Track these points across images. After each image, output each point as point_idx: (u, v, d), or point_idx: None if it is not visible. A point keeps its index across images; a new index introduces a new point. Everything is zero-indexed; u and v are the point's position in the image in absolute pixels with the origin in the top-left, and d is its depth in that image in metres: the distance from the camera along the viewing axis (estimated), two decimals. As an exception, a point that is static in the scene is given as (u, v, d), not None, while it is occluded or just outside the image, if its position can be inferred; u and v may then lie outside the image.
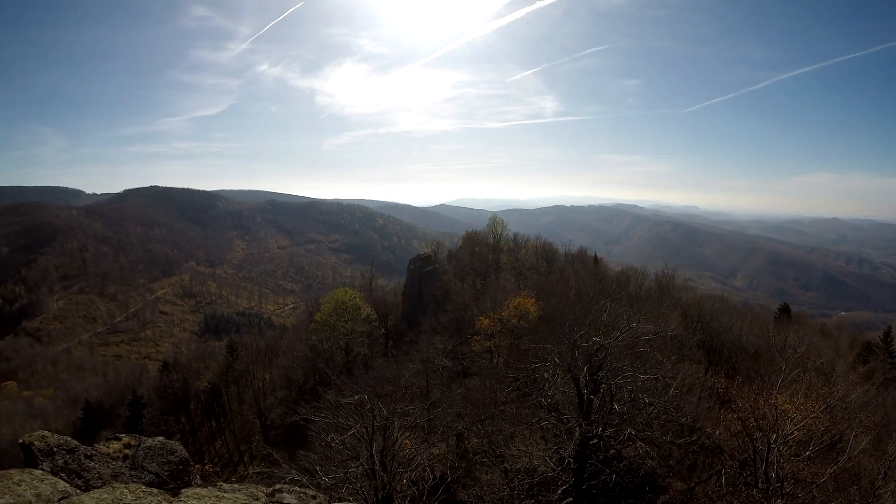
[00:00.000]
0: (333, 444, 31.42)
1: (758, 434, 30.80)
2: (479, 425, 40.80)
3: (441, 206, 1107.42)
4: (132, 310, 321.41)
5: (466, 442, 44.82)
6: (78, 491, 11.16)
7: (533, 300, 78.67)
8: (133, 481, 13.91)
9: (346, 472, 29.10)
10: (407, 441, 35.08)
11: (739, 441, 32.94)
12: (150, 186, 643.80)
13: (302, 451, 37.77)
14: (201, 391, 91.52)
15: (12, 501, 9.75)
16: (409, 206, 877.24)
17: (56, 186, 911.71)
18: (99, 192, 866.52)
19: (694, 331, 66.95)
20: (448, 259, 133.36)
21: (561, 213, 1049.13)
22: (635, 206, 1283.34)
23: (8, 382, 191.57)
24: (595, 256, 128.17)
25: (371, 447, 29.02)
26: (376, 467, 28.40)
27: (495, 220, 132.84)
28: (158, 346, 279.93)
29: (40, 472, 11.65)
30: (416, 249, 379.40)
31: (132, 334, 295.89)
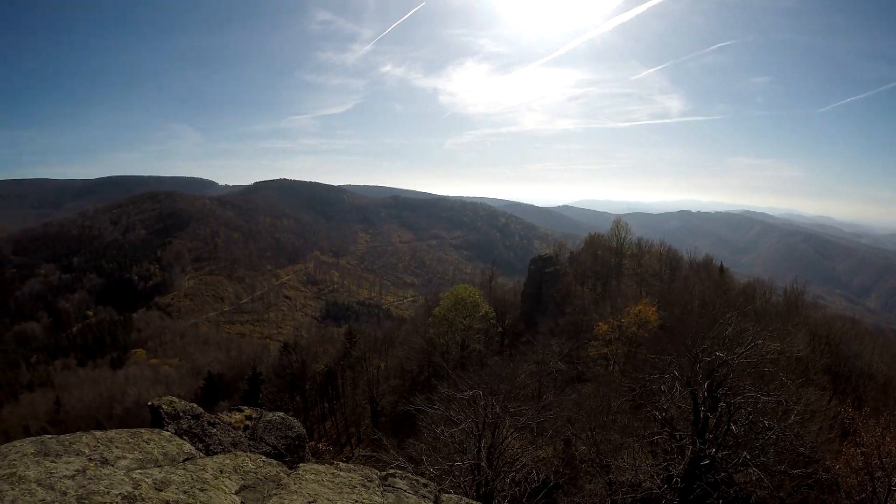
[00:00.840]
0: (442, 437, 31.18)
1: (879, 473, 28.36)
2: (588, 432, 39.08)
3: (564, 206, 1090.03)
4: (258, 293, 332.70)
5: (573, 448, 43.41)
6: (201, 454, 11.51)
7: (654, 308, 75.97)
8: (251, 451, 13.94)
9: (452, 465, 28.64)
10: (514, 441, 34.20)
11: (858, 479, 30.29)
12: (280, 179, 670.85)
13: (411, 440, 37.46)
14: (317, 373, 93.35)
15: (141, 457, 10.22)
16: (531, 206, 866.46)
17: (192, 177, 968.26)
18: (231, 184, 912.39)
19: (821, 353, 62.96)
20: (569, 261, 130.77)
21: (686, 219, 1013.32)
22: (765, 214, 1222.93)
23: (137, 350, 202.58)
24: (721, 266, 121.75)
25: (480, 443, 28.64)
26: (482, 463, 27.88)
27: (619, 224, 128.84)
28: (280, 328, 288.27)
29: (168, 433, 11.98)
30: (538, 250, 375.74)
31: (256, 315, 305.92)
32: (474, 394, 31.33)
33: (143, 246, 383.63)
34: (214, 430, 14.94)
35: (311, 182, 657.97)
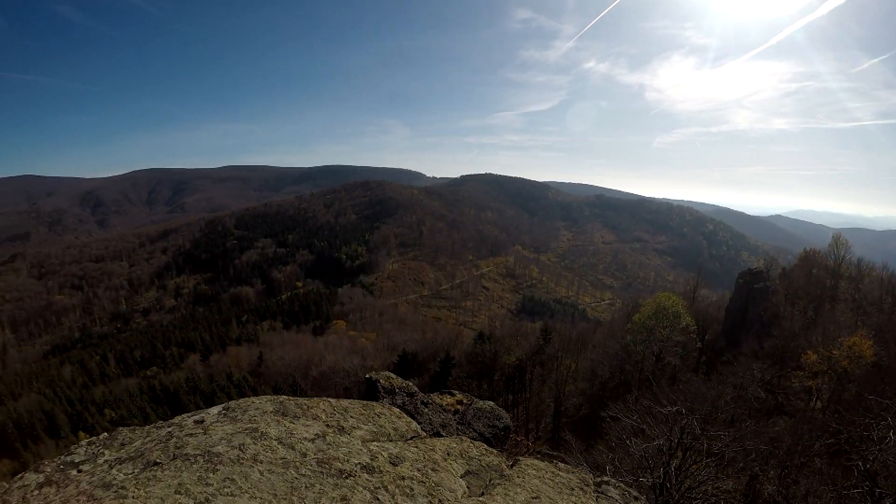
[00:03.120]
0: (632, 449, 28.85)
1: None
2: (778, 471, 35.84)
3: (776, 215, 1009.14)
4: (457, 281, 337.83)
5: (759, 485, 39.28)
6: (426, 434, 12.24)
7: (870, 342, 67.58)
8: (458, 434, 15.18)
9: (636, 480, 25.91)
10: (699, 466, 31.42)
11: None
12: (485, 174, 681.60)
13: (600, 447, 35.74)
14: (507, 365, 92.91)
15: (375, 430, 11.12)
16: (741, 213, 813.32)
17: (401, 169, 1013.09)
18: (438, 176, 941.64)
19: None
20: (780, 278, 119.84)
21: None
22: None
23: (338, 322, 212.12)
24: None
25: (670, 463, 25.94)
26: (670, 485, 25.23)
27: (838, 240, 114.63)
28: (475, 316, 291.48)
29: (398, 409, 13.06)
30: (745, 262, 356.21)
31: (453, 302, 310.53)
32: (676, 410, 29.07)
33: (352, 229, 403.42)
34: (427, 409, 16.04)
35: (516, 177, 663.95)
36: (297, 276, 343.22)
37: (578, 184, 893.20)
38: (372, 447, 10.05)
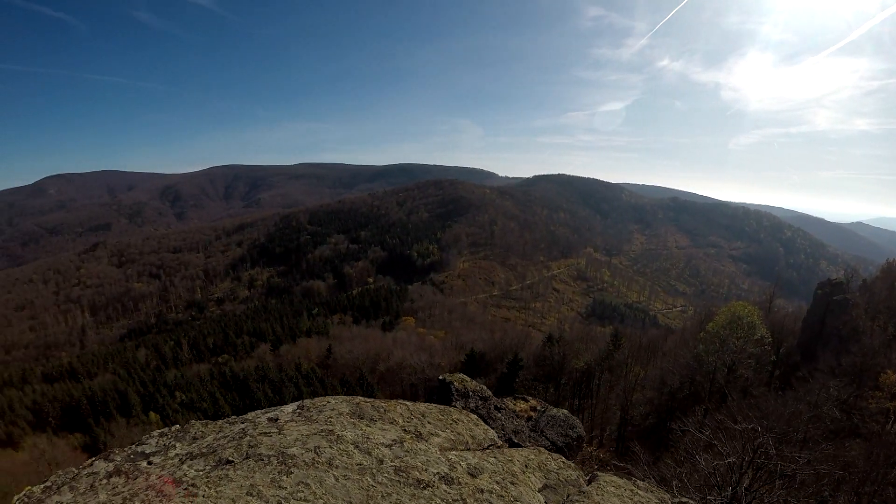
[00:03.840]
0: (701, 464, 27.71)
1: None
2: (849, 498, 34.46)
3: (857, 223, 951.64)
4: (528, 282, 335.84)
5: None
6: (502, 443, 11.97)
7: (954, 364, 64.53)
8: (529, 443, 14.61)
9: (703, 498, 25.33)
10: (767, 488, 30.46)
11: None
12: (558, 174, 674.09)
13: (667, 460, 35.17)
14: (575, 369, 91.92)
15: (453, 437, 10.95)
16: (820, 220, 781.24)
17: (474, 168, 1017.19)
18: (511, 176, 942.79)
19: None
20: (861, 290, 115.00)
21: None
22: None
23: (407, 318, 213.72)
24: None
25: (740, 483, 25.04)
26: None
27: None
28: (545, 318, 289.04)
29: (474, 416, 12.82)
30: (824, 272, 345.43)
31: (523, 303, 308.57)
32: (752, 428, 27.80)
33: (424, 227, 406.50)
34: (500, 414, 15.96)
35: (589, 178, 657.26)
36: (369, 271, 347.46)
37: (652, 185, 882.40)
38: (450, 456, 9.86)
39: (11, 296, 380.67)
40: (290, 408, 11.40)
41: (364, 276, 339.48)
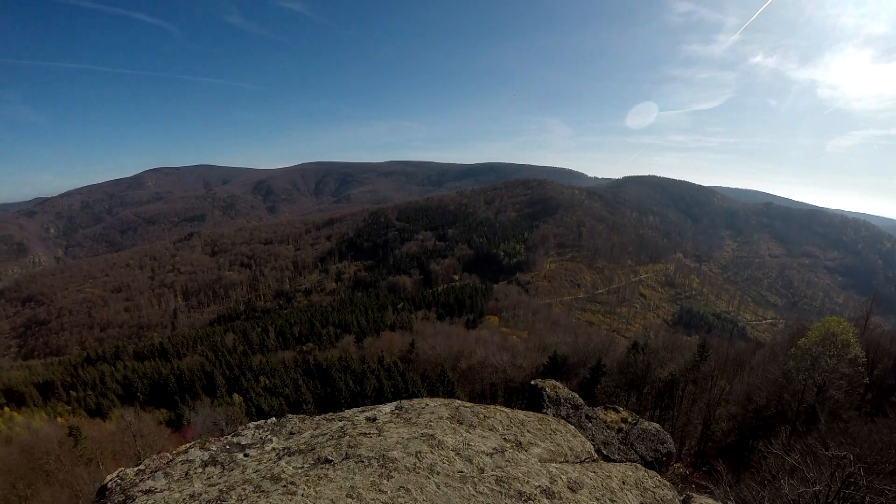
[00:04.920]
0: (785, 490, 26.64)
1: None
2: None
3: None
4: (614, 286, 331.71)
5: None
6: (599, 458, 11.92)
7: None
8: (618, 456, 14.68)
9: (788, 525, 24.98)
10: None
11: None
12: (648, 176, 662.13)
13: (749, 481, 34.65)
14: (659, 379, 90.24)
15: (552, 448, 10.72)
16: None
17: (561, 168, 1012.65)
18: (600, 177, 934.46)
19: None
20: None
21: None
22: None
23: (491, 317, 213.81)
24: None
25: (823, 514, 24.43)
26: None
27: None
28: (630, 324, 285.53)
29: (573, 427, 12.70)
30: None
31: (608, 307, 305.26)
32: (843, 455, 26.57)
33: (511, 226, 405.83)
34: (590, 424, 15.70)
35: (680, 180, 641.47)
36: (455, 269, 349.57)
37: (746, 189, 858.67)
38: (551, 469, 9.62)
39: (109, 278, 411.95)
40: (387, 408, 11.62)
41: (450, 274, 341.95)
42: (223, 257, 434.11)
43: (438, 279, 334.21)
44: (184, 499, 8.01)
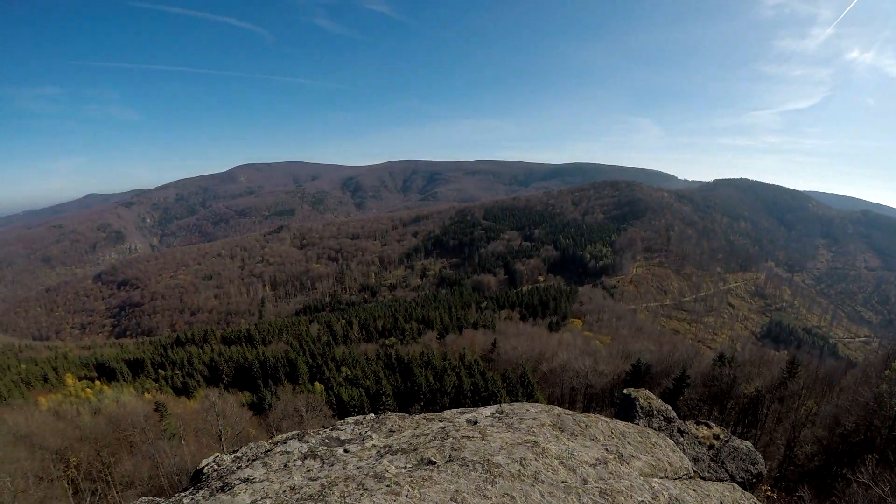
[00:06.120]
0: None
1: None
2: None
3: None
4: (701, 294, 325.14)
5: None
6: (699, 476, 11.86)
7: None
8: (708, 473, 14.40)
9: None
10: None
11: None
12: (740, 179, 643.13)
13: None
14: (743, 395, 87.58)
15: (653, 462, 10.59)
16: None
17: (651, 169, 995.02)
18: (690, 179, 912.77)
19: None
20: None
21: None
22: None
23: (575, 320, 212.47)
24: None
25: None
26: None
27: None
28: (716, 334, 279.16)
29: (672, 441, 12.44)
30: None
31: (694, 316, 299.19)
32: None
33: (598, 228, 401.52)
34: (682, 438, 15.56)
35: (772, 185, 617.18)
36: (540, 270, 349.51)
37: (843, 196, 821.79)
38: (653, 483, 9.60)
39: (201, 267, 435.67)
40: (488, 411, 11.90)
41: (535, 274, 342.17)
42: (311, 250, 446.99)
43: (523, 279, 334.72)
44: (284, 491, 8.35)
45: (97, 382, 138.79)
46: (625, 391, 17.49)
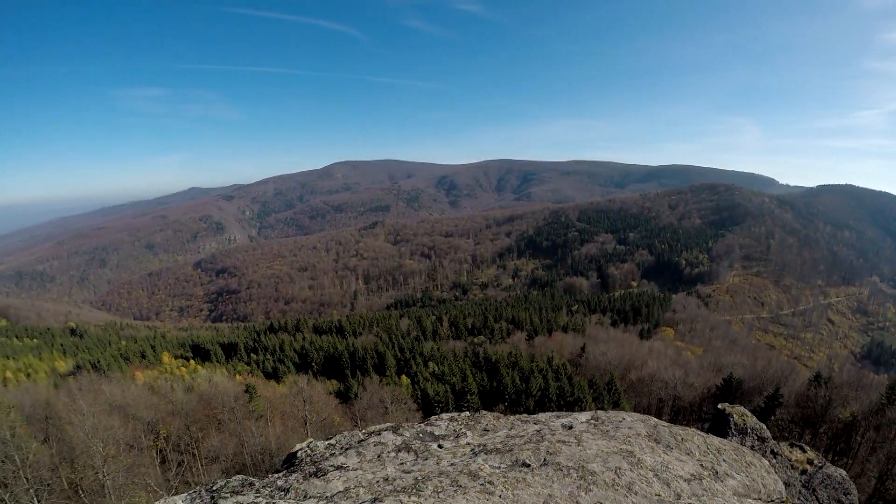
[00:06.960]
0: None
1: None
2: None
3: None
4: (800, 307, 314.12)
5: None
6: (791, 502, 11.54)
7: None
8: (798, 500, 14.18)
9: None
10: None
11: None
12: (845, 185, 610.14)
13: None
14: (838, 419, 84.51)
15: (747, 483, 10.31)
16: None
17: (751, 173, 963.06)
18: (792, 184, 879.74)
19: None
20: None
21: None
22: None
23: (667, 329, 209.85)
24: None
25: None
26: None
27: None
28: (813, 352, 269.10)
29: (766, 462, 11.94)
30: None
31: (791, 330, 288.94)
32: None
33: (695, 234, 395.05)
34: (774, 460, 14.86)
35: (880, 192, 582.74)
36: (633, 275, 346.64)
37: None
38: None
39: (297, 258, 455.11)
40: (583, 416, 11.99)
41: (628, 279, 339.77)
42: (404, 246, 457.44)
43: (615, 284, 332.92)
44: (377, 481, 8.49)
45: (192, 362, 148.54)
46: (718, 406, 17.01)
